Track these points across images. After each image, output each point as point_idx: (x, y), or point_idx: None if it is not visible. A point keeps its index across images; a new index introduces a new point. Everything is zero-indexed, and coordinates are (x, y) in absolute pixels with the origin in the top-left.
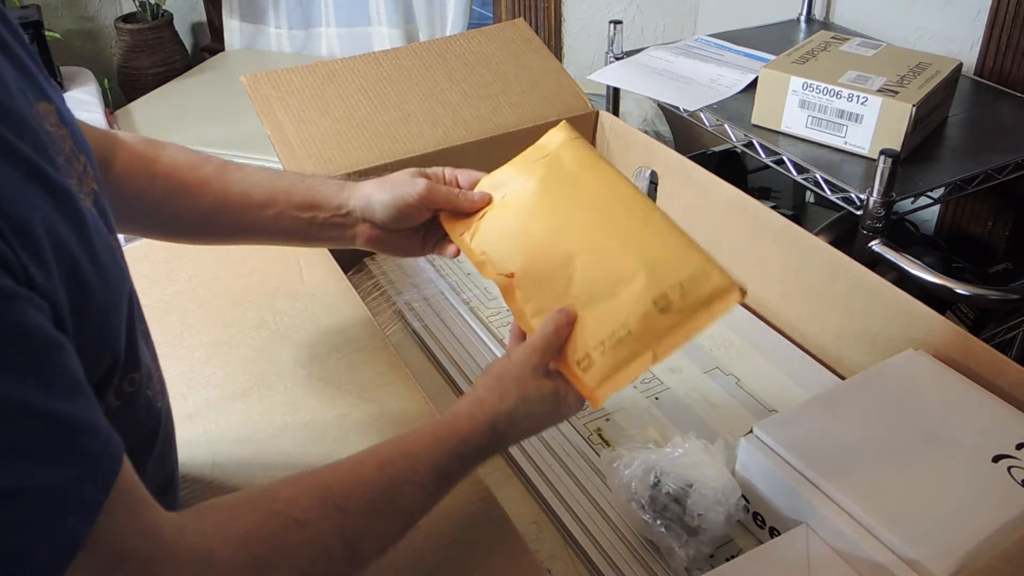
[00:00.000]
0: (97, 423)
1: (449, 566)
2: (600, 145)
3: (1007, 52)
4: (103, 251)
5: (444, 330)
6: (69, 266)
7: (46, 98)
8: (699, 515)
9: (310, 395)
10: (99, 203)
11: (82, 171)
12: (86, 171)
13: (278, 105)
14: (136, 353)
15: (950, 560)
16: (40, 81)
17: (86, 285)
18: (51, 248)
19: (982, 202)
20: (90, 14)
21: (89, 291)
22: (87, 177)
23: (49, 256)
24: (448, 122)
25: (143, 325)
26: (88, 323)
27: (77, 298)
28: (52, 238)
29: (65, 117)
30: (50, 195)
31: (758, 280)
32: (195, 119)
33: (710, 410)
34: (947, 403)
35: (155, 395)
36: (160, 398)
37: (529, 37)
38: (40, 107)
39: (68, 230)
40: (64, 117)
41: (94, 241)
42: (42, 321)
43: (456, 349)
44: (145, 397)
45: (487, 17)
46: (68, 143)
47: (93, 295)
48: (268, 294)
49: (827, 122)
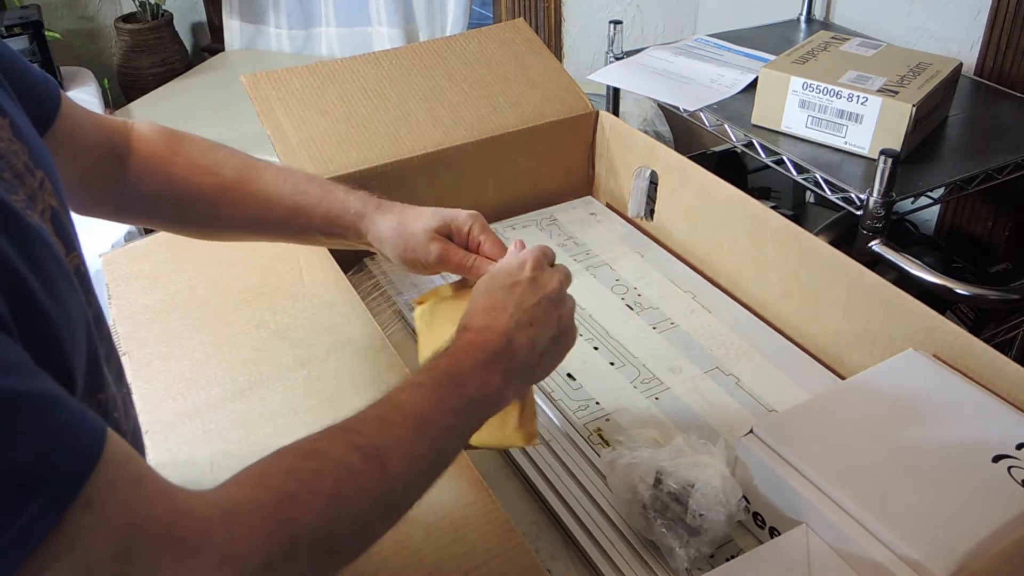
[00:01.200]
0: (63, 397)
1: (449, 566)
2: (600, 145)
3: (1007, 52)
4: (50, 265)
5: None
6: (12, 283)
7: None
8: (701, 515)
9: (310, 395)
10: (57, 221)
11: (37, 187)
12: (42, 187)
13: (278, 105)
14: (100, 375)
15: (950, 560)
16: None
17: (32, 299)
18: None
19: (982, 202)
20: (90, 14)
21: (36, 305)
22: (43, 193)
23: None
24: (448, 122)
25: (108, 347)
26: (38, 340)
27: (21, 313)
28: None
29: (22, 131)
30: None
31: (758, 280)
32: (195, 119)
33: (710, 410)
34: (947, 403)
35: (120, 417)
36: (125, 421)
37: (529, 37)
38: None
39: (9, 246)
40: (20, 131)
41: (39, 256)
42: None
43: None
44: (113, 420)
45: (487, 17)
46: (22, 157)
47: (41, 310)
48: (268, 294)
49: (827, 122)
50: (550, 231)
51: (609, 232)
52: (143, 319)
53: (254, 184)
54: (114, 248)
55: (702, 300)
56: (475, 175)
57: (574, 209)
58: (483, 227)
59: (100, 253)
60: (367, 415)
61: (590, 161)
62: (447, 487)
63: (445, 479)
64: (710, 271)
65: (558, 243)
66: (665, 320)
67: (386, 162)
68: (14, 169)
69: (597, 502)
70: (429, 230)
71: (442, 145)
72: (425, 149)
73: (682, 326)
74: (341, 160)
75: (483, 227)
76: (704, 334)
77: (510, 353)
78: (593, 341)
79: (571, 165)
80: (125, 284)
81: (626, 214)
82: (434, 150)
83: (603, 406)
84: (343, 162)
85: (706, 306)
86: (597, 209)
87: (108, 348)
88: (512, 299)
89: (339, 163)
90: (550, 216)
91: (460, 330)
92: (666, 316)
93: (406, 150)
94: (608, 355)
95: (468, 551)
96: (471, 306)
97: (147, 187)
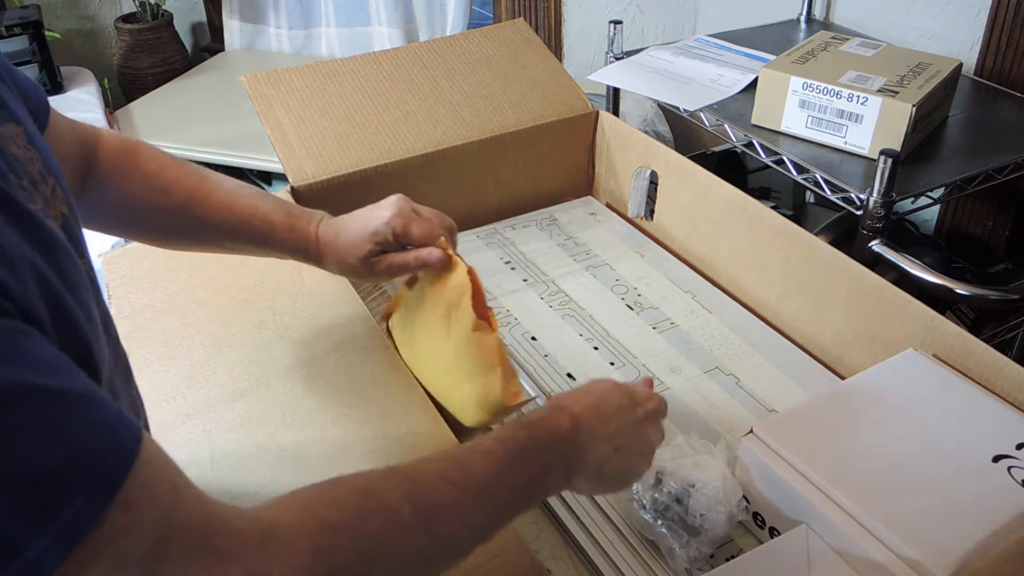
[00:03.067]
0: (102, 397)
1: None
2: (600, 145)
3: (1007, 52)
4: (72, 270)
5: None
6: (45, 287)
7: (14, 119)
8: (701, 515)
9: (310, 395)
10: (68, 228)
11: (50, 194)
12: (55, 194)
13: (278, 105)
14: (112, 379)
15: (950, 560)
16: (9, 103)
17: (62, 304)
18: (27, 269)
19: (982, 202)
20: (90, 14)
21: (66, 309)
22: (55, 200)
23: (27, 276)
24: (448, 122)
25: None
26: (70, 342)
27: (56, 317)
28: (25, 258)
29: (34, 139)
30: (14, 218)
31: (758, 280)
32: (195, 119)
33: (710, 410)
34: (947, 403)
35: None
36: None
37: (529, 37)
38: (6, 128)
39: (37, 254)
40: (33, 139)
41: (62, 262)
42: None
43: None
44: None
45: (487, 17)
46: (36, 165)
47: (70, 312)
48: (268, 294)
49: (827, 122)
50: (550, 231)
51: (609, 232)
52: (143, 319)
53: (206, 204)
54: (114, 248)
55: (702, 300)
56: (475, 175)
57: (574, 209)
58: (404, 223)
59: (100, 253)
60: (430, 468)
61: (590, 161)
62: None
63: None
64: (710, 271)
65: (558, 243)
66: (665, 320)
67: (386, 162)
68: (31, 176)
69: (597, 502)
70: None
71: (442, 145)
72: (425, 149)
73: (682, 326)
74: (341, 160)
75: (404, 223)
76: (704, 334)
77: (584, 456)
78: (593, 341)
79: (571, 165)
80: (125, 284)
81: (626, 214)
82: (434, 150)
83: None
84: (343, 162)
85: (706, 306)
86: (597, 209)
87: (117, 351)
88: (618, 417)
89: (339, 163)
90: (550, 216)
91: (553, 406)
92: (666, 316)
93: (406, 150)
94: (608, 355)
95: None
96: (577, 391)
97: (106, 200)
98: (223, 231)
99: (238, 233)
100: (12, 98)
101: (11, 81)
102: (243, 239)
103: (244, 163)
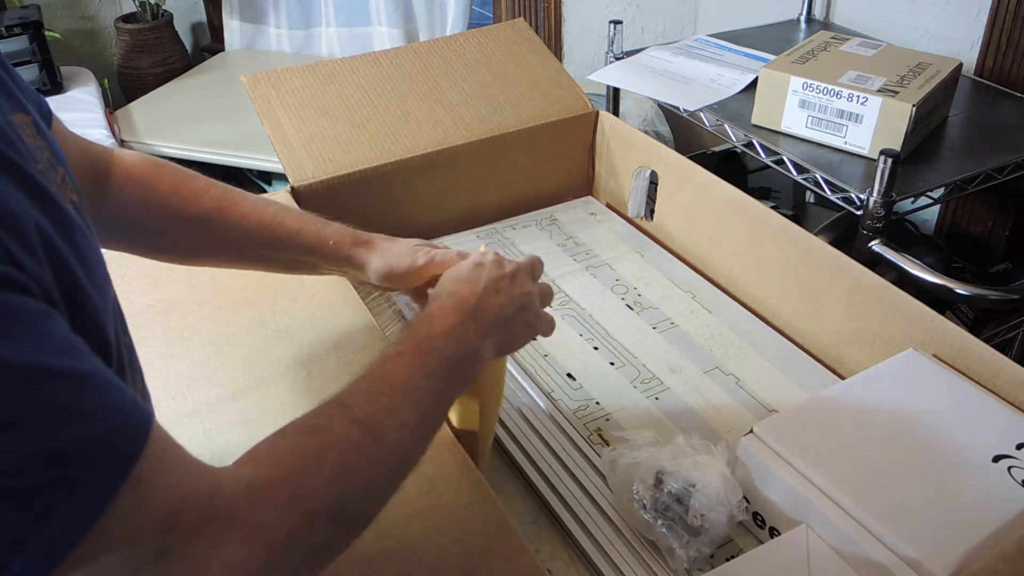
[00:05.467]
0: (116, 380)
1: (449, 566)
2: (600, 145)
3: (1007, 52)
4: (89, 253)
5: None
6: (59, 266)
7: (23, 109)
8: (702, 515)
9: (310, 395)
10: (80, 213)
11: (60, 181)
12: (64, 182)
13: (278, 105)
14: (122, 364)
15: (950, 560)
16: (16, 95)
17: (77, 285)
18: (41, 247)
19: (982, 202)
20: (90, 14)
21: (81, 291)
22: (65, 188)
23: (41, 254)
24: (448, 122)
25: (127, 338)
26: (82, 324)
27: (70, 297)
28: (41, 237)
29: (42, 130)
30: (34, 196)
31: (758, 280)
32: (195, 119)
33: (710, 410)
34: (947, 403)
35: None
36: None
37: (529, 37)
38: (16, 117)
39: (54, 232)
40: (41, 130)
41: (80, 244)
42: (32, 296)
43: None
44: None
45: (487, 17)
46: (46, 154)
47: (86, 295)
48: (268, 294)
49: (827, 122)
50: (550, 231)
51: (609, 232)
52: (143, 319)
53: (235, 212)
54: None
55: (702, 300)
56: (475, 175)
57: (574, 209)
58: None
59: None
60: (356, 388)
61: (590, 161)
62: (447, 487)
63: (446, 479)
64: (710, 271)
65: (558, 243)
66: (665, 320)
67: (386, 162)
68: (42, 163)
69: (597, 502)
70: (411, 245)
71: (442, 145)
72: (425, 149)
73: (682, 326)
74: (341, 160)
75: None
76: (704, 334)
77: (480, 313)
78: (593, 341)
79: (571, 165)
80: (125, 284)
81: (626, 214)
82: (434, 150)
83: (603, 406)
84: (343, 162)
85: (706, 306)
86: (597, 209)
87: (128, 340)
88: (477, 273)
89: (339, 163)
90: (550, 216)
91: (429, 302)
92: (666, 316)
93: (406, 150)
94: (608, 355)
95: (468, 551)
96: (438, 287)
97: (127, 212)
98: (252, 237)
99: (268, 240)
100: (19, 92)
101: (14, 82)
102: (273, 246)
103: (244, 163)
